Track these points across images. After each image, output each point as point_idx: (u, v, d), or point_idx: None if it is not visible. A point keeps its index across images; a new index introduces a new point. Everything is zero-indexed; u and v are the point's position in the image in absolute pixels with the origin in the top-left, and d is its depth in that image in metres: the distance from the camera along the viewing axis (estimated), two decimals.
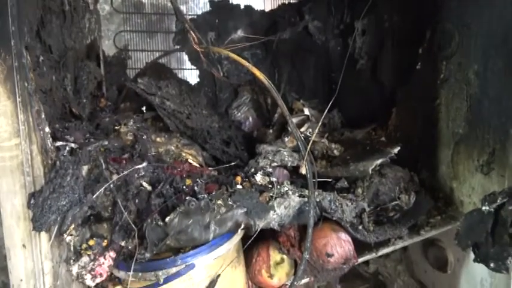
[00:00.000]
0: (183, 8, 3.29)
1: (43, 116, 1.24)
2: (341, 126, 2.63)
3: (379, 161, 1.69)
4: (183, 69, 2.93)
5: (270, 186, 1.54)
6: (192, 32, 1.80)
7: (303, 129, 1.99)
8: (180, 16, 1.77)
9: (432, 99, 1.98)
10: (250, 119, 2.75)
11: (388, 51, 2.34)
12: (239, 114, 2.76)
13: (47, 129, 1.25)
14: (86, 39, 2.10)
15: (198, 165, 1.72)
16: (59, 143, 1.31)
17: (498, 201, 1.35)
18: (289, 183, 1.58)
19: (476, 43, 1.77)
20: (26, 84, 1.19)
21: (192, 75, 3.09)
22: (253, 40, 2.26)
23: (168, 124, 1.74)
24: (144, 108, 2.31)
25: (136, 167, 1.43)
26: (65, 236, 1.22)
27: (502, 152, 1.66)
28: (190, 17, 3.03)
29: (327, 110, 1.91)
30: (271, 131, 2.15)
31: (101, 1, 2.75)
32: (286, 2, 2.86)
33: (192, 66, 2.89)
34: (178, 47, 2.73)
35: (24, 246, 1.20)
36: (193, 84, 2.82)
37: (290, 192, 1.47)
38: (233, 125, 2.37)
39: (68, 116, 1.85)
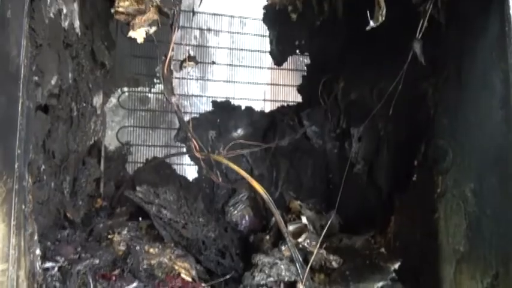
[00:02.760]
0: (186, 103, 3.45)
1: (36, 237, 1.22)
2: (339, 228, 2.59)
3: (380, 284, 1.62)
4: (182, 164, 2.97)
5: None
6: (194, 140, 1.85)
7: (300, 239, 1.94)
8: (183, 125, 1.84)
9: (431, 212, 1.97)
10: (247, 217, 2.72)
11: (384, 158, 2.40)
12: (236, 212, 2.73)
13: (38, 251, 1.21)
14: (90, 140, 2.15)
15: (190, 280, 1.65)
16: (48, 264, 1.26)
17: None
18: None
19: (470, 161, 1.81)
20: (23, 207, 1.18)
21: (191, 168, 3.13)
22: (253, 146, 2.32)
23: (163, 236, 1.70)
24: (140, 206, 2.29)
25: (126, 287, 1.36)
26: None
27: (506, 276, 1.60)
28: (193, 115, 3.17)
29: (326, 228, 1.89)
30: (268, 237, 2.10)
31: None
32: (285, 105, 3.02)
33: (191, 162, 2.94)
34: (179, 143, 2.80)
35: None
36: (191, 179, 2.84)
37: None
38: (229, 226, 2.34)
39: (62, 220, 1.82)
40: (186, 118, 2.96)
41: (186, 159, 3.01)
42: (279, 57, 2.98)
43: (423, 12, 1.84)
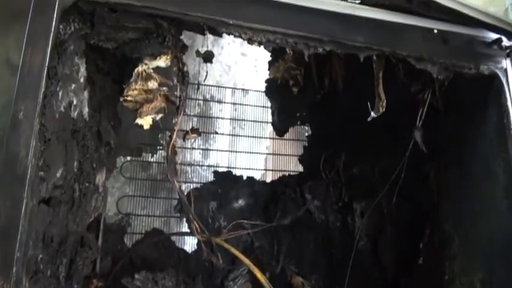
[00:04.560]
0: (188, 169, 3.46)
1: None
2: None
3: None
4: (182, 235, 2.91)
5: None
6: (195, 222, 1.83)
7: None
8: (186, 207, 1.82)
9: None
10: None
11: (388, 236, 2.36)
12: (236, 286, 2.63)
13: None
14: (90, 218, 2.11)
15: None
16: None
17: None
18: None
19: (477, 250, 1.78)
20: None
21: (190, 238, 3.06)
22: (256, 226, 2.29)
23: None
24: None
25: None
26: None
27: None
28: (195, 179, 3.17)
29: None
30: None
31: None
32: (287, 174, 3.02)
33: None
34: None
35: None
36: (190, 251, 2.77)
37: None
38: None
39: None
40: (186, 187, 2.98)
41: (185, 227, 2.96)
42: (280, 127, 3.03)
43: (422, 100, 1.89)
